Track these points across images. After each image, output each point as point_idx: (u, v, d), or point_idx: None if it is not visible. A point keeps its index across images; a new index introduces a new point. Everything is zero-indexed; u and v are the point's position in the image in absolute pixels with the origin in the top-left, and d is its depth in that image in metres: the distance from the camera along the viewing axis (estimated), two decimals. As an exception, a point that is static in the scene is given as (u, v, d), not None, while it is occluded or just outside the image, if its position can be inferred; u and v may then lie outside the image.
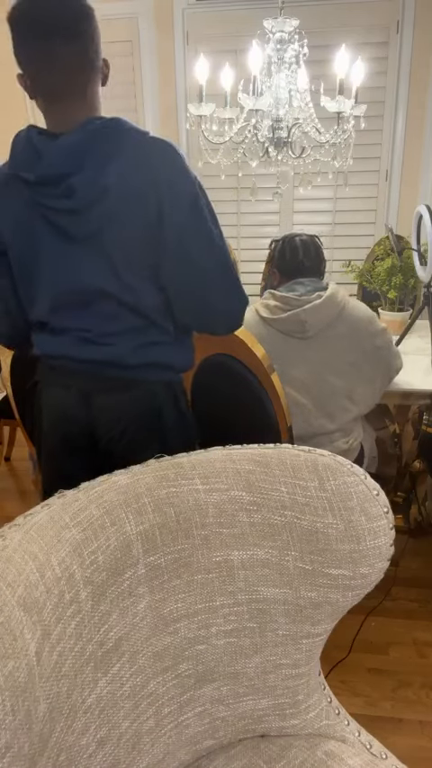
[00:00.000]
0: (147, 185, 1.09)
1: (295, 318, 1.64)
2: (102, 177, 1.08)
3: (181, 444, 1.27)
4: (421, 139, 3.09)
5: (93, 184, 1.08)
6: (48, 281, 1.20)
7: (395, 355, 1.78)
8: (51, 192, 1.10)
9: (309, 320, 1.64)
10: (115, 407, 1.25)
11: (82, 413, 1.26)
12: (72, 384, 1.27)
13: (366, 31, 2.93)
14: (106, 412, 1.26)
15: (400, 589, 1.99)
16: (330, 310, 1.65)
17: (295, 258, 1.75)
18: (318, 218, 3.25)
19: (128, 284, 1.17)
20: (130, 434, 1.27)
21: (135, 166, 1.09)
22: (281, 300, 1.68)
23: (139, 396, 1.26)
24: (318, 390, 1.68)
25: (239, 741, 0.98)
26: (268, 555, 0.92)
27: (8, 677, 0.65)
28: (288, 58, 1.91)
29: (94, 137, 1.09)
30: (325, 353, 1.68)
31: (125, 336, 1.22)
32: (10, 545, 0.77)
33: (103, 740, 0.80)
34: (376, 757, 0.96)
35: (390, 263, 2.35)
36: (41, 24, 1.05)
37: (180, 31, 3.10)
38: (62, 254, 1.16)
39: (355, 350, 1.68)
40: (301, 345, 1.67)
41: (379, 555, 0.90)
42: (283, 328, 1.67)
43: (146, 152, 1.10)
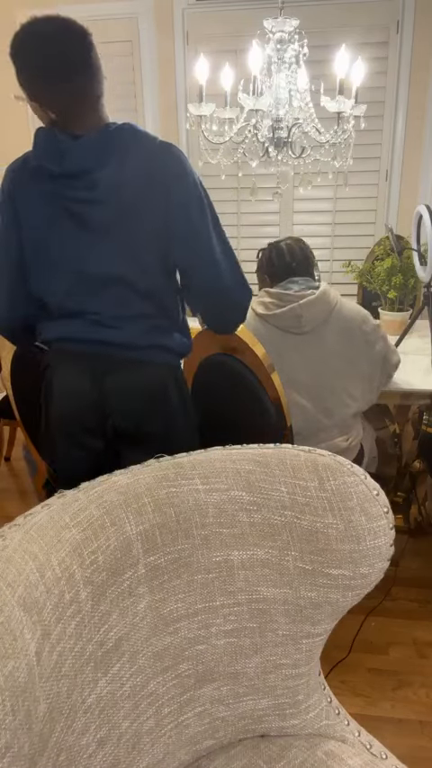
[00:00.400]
0: (158, 182, 1.22)
1: (291, 313, 1.66)
2: (120, 172, 1.21)
3: (184, 424, 1.40)
4: (421, 139, 3.09)
5: (112, 178, 1.21)
6: (65, 266, 1.29)
7: (391, 351, 1.79)
8: (75, 184, 1.22)
9: (305, 314, 1.66)
10: (125, 386, 1.34)
11: (94, 392, 1.33)
12: (84, 366, 1.34)
13: (366, 31, 2.93)
14: (116, 390, 1.33)
15: (400, 589, 1.99)
16: (324, 306, 1.68)
17: (283, 261, 1.78)
18: (318, 218, 3.25)
19: (141, 271, 1.27)
20: (139, 411, 1.35)
21: (148, 165, 1.22)
22: (276, 297, 1.70)
23: (146, 375, 1.34)
24: (315, 385, 1.70)
25: (239, 741, 0.98)
26: (268, 555, 0.92)
27: (8, 677, 0.65)
28: (288, 58, 1.91)
29: (112, 138, 1.22)
30: (321, 349, 1.69)
31: (135, 321, 1.31)
32: (10, 545, 0.77)
33: (103, 740, 0.80)
34: (376, 757, 0.96)
35: (390, 263, 2.35)
36: (48, 69, 1.16)
37: (180, 31, 3.10)
38: (80, 240, 1.26)
39: (350, 345, 1.70)
40: (297, 341, 1.69)
41: (379, 555, 0.90)
42: (279, 324, 1.69)
43: (156, 152, 1.24)
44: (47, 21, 1.15)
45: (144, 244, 1.25)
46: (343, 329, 1.69)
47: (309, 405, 1.70)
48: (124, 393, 1.34)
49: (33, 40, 1.15)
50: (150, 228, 1.24)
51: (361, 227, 3.23)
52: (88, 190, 1.21)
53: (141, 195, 1.22)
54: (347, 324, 1.70)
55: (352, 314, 1.72)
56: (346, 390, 1.71)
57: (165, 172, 1.22)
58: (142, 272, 1.27)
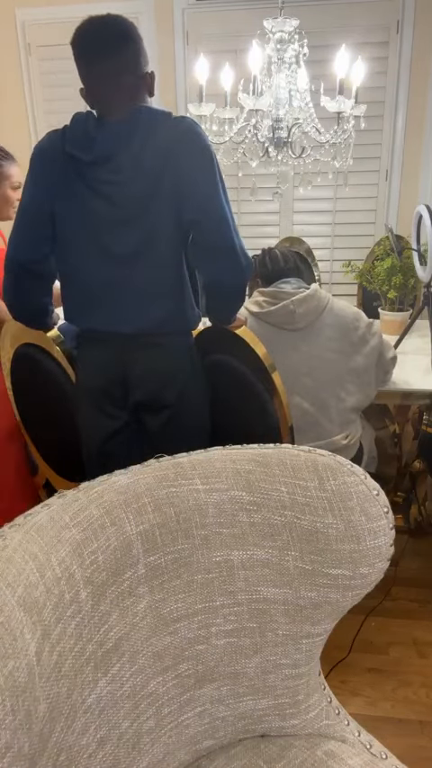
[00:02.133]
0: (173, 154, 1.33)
1: (285, 310, 1.69)
2: (141, 155, 1.34)
3: (197, 393, 1.57)
4: (421, 139, 3.09)
5: (135, 160, 1.34)
6: (90, 242, 1.41)
7: (386, 347, 1.81)
8: (102, 167, 1.35)
9: (298, 310, 1.68)
10: (145, 367, 1.50)
11: (119, 371, 1.51)
12: (109, 348, 1.50)
13: (366, 31, 2.93)
14: (138, 370, 1.50)
15: (400, 589, 1.99)
16: (317, 302, 1.71)
17: (276, 265, 1.81)
18: (318, 218, 3.25)
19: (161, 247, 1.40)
20: (158, 388, 1.51)
21: (165, 141, 1.34)
22: (269, 295, 1.73)
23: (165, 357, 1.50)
24: (310, 380, 1.71)
25: (239, 741, 0.98)
26: (268, 555, 0.92)
27: (8, 677, 0.65)
28: (288, 57, 1.91)
29: (137, 124, 1.34)
30: (315, 344, 1.71)
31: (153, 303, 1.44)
32: (10, 545, 0.77)
33: (103, 740, 0.80)
34: (376, 757, 0.96)
35: (390, 263, 2.35)
36: (94, 46, 1.33)
37: (180, 31, 3.10)
38: (105, 218, 1.38)
39: (343, 340, 1.72)
40: (292, 337, 1.71)
41: (379, 555, 0.90)
42: (273, 320, 1.71)
43: (171, 127, 1.35)
44: (103, 16, 1.35)
45: (165, 218, 1.37)
46: (336, 324, 1.72)
47: (304, 400, 1.70)
48: (145, 373, 1.49)
49: (86, 25, 1.33)
50: (169, 203, 1.36)
51: (361, 227, 3.23)
52: (114, 173, 1.35)
53: (161, 174, 1.34)
54: (340, 320, 1.72)
55: (345, 311, 1.75)
56: (341, 385, 1.72)
57: (180, 145, 1.34)
58: (163, 246, 1.39)
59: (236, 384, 1.58)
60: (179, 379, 1.52)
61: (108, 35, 1.32)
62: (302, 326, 1.70)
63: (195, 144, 1.35)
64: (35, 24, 3.19)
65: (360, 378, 1.75)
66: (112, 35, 1.32)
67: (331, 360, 1.72)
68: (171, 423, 1.53)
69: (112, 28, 1.33)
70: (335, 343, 1.72)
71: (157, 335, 1.48)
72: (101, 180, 1.37)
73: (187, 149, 1.34)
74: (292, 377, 1.69)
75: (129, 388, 1.53)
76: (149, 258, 1.41)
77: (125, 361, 1.50)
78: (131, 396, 1.53)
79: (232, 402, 1.63)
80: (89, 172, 1.37)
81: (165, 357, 1.50)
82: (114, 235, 1.39)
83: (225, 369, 1.60)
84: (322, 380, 1.71)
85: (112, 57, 1.32)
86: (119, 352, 1.49)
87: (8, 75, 3.31)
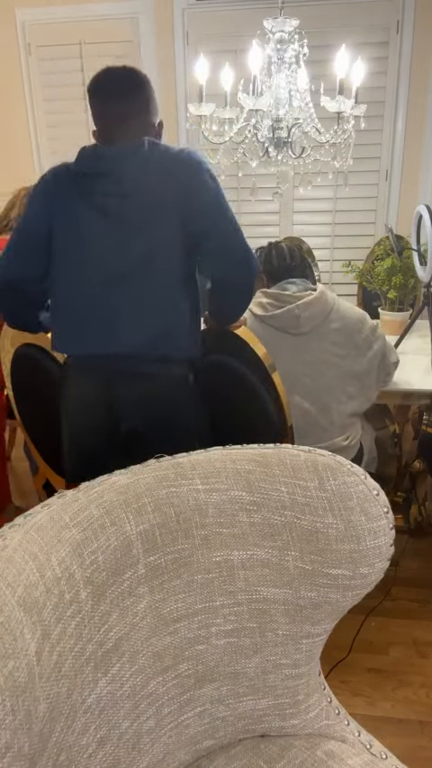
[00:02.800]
0: (175, 181, 1.39)
1: (289, 314, 1.67)
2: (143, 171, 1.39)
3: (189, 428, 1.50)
4: (421, 139, 3.09)
5: (136, 175, 1.38)
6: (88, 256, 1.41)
7: (390, 350, 1.80)
8: (103, 180, 1.39)
9: (303, 315, 1.66)
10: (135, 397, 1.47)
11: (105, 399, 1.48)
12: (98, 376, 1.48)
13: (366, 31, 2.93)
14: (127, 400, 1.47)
15: (400, 589, 1.99)
16: (323, 306, 1.69)
17: (283, 262, 1.79)
18: (318, 218, 3.26)
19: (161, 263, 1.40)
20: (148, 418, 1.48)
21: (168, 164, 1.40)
22: (273, 297, 1.71)
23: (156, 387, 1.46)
24: (312, 385, 1.70)
25: (239, 741, 0.98)
26: (268, 555, 0.92)
27: (8, 677, 0.65)
28: (288, 58, 1.91)
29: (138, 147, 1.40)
30: (319, 349, 1.70)
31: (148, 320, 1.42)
32: (10, 545, 0.77)
33: (103, 740, 0.80)
34: (376, 757, 0.96)
35: (390, 263, 2.35)
36: (107, 90, 1.43)
37: (180, 31, 3.10)
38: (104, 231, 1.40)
39: (347, 345, 1.71)
40: (295, 341, 1.69)
41: (379, 555, 0.90)
42: (277, 324, 1.69)
43: (175, 154, 1.41)
44: (120, 66, 1.46)
45: (164, 236, 1.39)
46: (341, 329, 1.70)
47: (306, 404, 1.70)
48: (134, 403, 1.46)
49: (103, 72, 1.44)
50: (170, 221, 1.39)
51: (361, 227, 3.23)
52: (115, 184, 1.39)
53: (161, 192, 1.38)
54: (345, 323, 1.70)
55: (350, 314, 1.73)
56: (343, 389, 1.72)
57: (185, 174, 1.39)
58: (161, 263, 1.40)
59: (236, 384, 1.58)
60: (171, 417, 1.48)
61: (122, 80, 1.44)
62: (307, 331, 1.69)
63: (202, 173, 1.40)
64: (35, 24, 3.19)
65: (362, 381, 1.74)
66: (125, 81, 1.44)
67: (334, 363, 1.71)
68: None
69: (126, 75, 1.44)
70: (339, 348, 1.70)
71: (152, 362, 1.44)
72: (102, 192, 1.39)
73: (196, 179, 1.40)
74: (294, 380, 1.68)
75: (115, 421, 1.50)
76: (148, 273, 1.40)
77: (113, 392, 1.46)
78: (118, 427, 1.51)
79: (232, 402, 1.63)
80: (91, 186, 1.40)
81: (159, 389, 1.46)
82: (113, 250, 1.40)
83: (225, 369, 1.60)
84: (324, 384, 1.70)
85: (123, 100, 1.42)
86: (108, 382, 1.46)
87: (8, 75, 3.31)
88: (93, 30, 3.17)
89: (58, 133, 3.35)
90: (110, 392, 1.46)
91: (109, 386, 1.46)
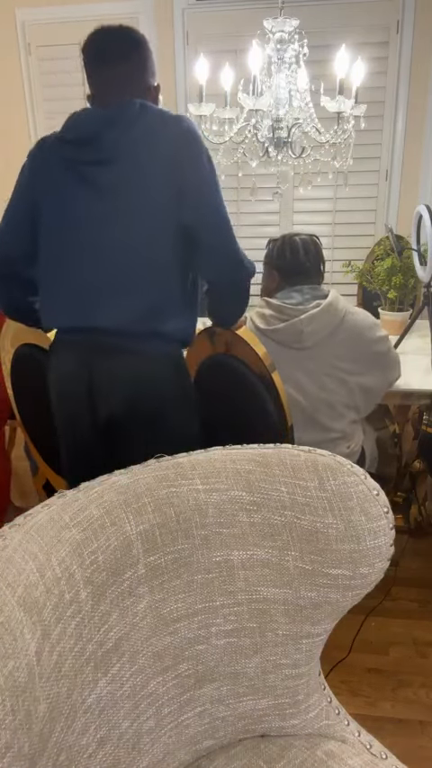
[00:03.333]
0: (168, 152, 1.29)
1: (292, 329, 1.60)
2: (126, 136, 1.29)
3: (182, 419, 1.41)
4: (421, 139, 3.09)
5: (118, 141, 1.29)
6: (72, 229, 1.34)
7: (394, 363, 1.74)
8: (85, 149, 1.32)
9: (306, 330, 1.59)
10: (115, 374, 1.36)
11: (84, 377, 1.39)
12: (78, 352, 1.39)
13: (366, 31, 2.93)
14: (107, 378, 1.36)
15: (400, 589, 1.99)
16: (330, 318, 1.60)
17: (296, 258, 1.69)
18: (318, 218, 3.25)
19: (147, 237, 1.31)
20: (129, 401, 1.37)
21: (157, 132, 1.30)
22: (276, 310, 1.64)
23: (140, 365, 1.36)
24: (311, 402, 1.66)
25: (239, 741, 0.98)
26: (268, 555, 0.92)
27: (8, 677, 0.65)
28: (288, 58, 1.91)
29: (125, 109, 1.31)
30: (322, 363, 1.64)
31: (134, 297, 1.33)
32: (10, 545, 0.77)
33: (103, 740, 0.80)
34: (376, 757, 0.96)
35: (390, 263, 2.35)
36: (101, 52, 1.35)
37: (180, 31, 3.10)
38: (89, 203, 1.33)
39: (353, 357, 1.64)
40: (298, 356, 1.63)
41: (379, 555, 0.90)
42: (279, 339, 1.62)
43: (167, 122, 1.32)
44: (115, 26, 1.37)
45: (152, 210, 1.30)
46: (349, 336, 1.62)
47: (308, 418, 1.67)
48: (114, 381, 1.36)
49: (97, 32, 1.36)
50: (158, 195, 1.30)
51: (361, 227, 3.23)
52: (96, 151, 1.31)
53: (149, 161, 1.29)
54: (356, 330, 1.63)
55: (360, 324, 1.64)
56: (343, 402, 1.68)
57: (176, 144, 1.30)
58: (148, 239, 1.32)
59: (236, 384, 1.58)
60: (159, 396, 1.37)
61: (116, 42, 1.35)
62: (310, 345, 1.61)
63: (196, 146, 1.31)
64: (35, 24, 3.19)
65: (363, 393, 1.72)
66: (120, 43, 1.35)
67: (337, 379, 1.65)
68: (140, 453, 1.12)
69: (121, 36, 1.35)
70: (344, 363, 1.63)
71: (137, 339, 1.34)
72: (84, 160, 1.32)
73: (189, 152, 1.30)
74: (294, 396, 1.64)
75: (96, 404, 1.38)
76: (131, 250, 1.32)
77: (94, 367, 1.36)
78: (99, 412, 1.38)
79: (232, 402, 1.63)
80: (74, 154, 1.33)
81: (144, 365, 1.35)
82: (94, 223, 1.33)
83: (225, 369, 1.59)
84: (324, 400, 1.66)
85: (118, 63, 1.34)
86: (89, 357, 1.36)
87: (8, 75, 3.31)
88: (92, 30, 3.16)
89: (58, 133, 3.34)
90: (90, 370, 1.36)
91: (90, 362, 1.36)
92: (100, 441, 1.42)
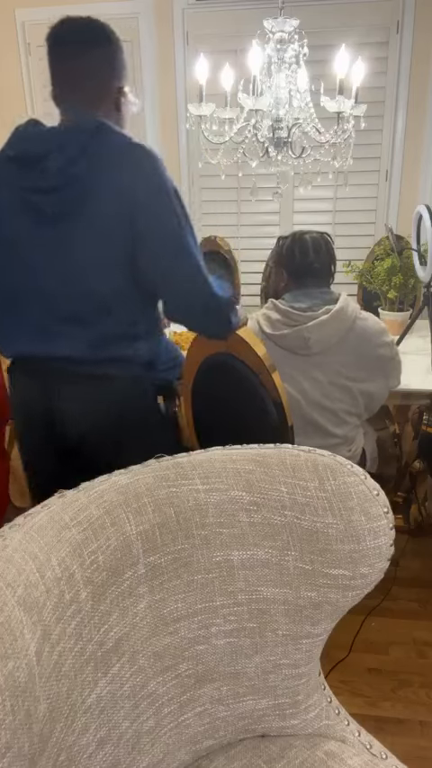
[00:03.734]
0: (120, 182, 1.16)
1: (298, 335, 1.58)
2: (75, 162, 1.15)
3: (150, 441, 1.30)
4: (421, 139, 3.09)
5: (65, 167, 1.16)
6: (18, 259, 1.25)
7: (397, 371, 1.73)
8: (29, 171, 1.18)
9: (312, 337, 1.58)
10: (76, 401, 1.29)
11: (43, 405, 1.32)
12: (37, 379, 1.33)
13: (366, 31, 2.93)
14: (67, 405, 1.30)
15: (400, 589, 1.99)
16: (339, 324, 1.59)
17: (305, 258, 1.66)
18: (318, 218, 3.25)
19: (98, 269, 1.21)
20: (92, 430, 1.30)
21: (112, 161, 1.17)
22: (284, 314, 1.62)
23: (102, 390, 1.29)
24: (318, 406, 1.65)
25: (239, 741, 0.98)
26: (268, 555, 0.92)
27: (8, 677, 0.65)
28: (288, 57, 1.91)
29: (76, 130, 1.18)
30: (328, 371, 1.63)
31: (88, 327, 1.25)
32: (10, 545, 0.77)
33: (103, 740, 0.80)
34: (376, 757, 0.96)
35: (390, 263, 2.35)
36: (61, 43, 1.23)
37: (180, 31, 3.10)
38: (35, 232, 1.21)
39: (358, 364, 1.63)
40: (302, 363, 1.62)
41: (379, 555, 0.90)
42: (285, 345, 1.61)
43: (124, 152, 1.19)
44: (81, 17, 1.26)
45: (100, 242, 1.19)
46: (358, 341, 1.61)
47: (309, 424, 1.66)
48: (74, 407, 1.29)
49: (60, 23, 1.26)
50: (108, 228, 1.18)
51: (361, 227, 3.23)
52: (42, 178, 1.17)
53: (98, 191, 1.17)
54: (365, 335, 1.61)
55: (371, 326, 1.62)
56: (345, 408, 1.68)
57: (133, 175, 1.17)
58: (96, 271, 1.22)
59: (236, 384, 1.58)
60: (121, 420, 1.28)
61: (78, 33, 1.23)
62: (316, 352, 1.59)
63: (156, 180, 1.17)
64: (35, 24, 3.19)
65: (366, 399, 1.71)
66: (82, 33, 1.23)
67: (341, 386, 1.64)
68: None
69: (85, 27, 1.23)
70: (349, 370, 1.62)
71: (95, 365, 1.26)
72: (27, 184, 1.19)
73: (147, 186, 1.17)
74: (297, 401, 1.63)
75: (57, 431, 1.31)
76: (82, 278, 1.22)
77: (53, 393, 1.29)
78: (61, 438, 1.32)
79: (232, 402, 1.63)
80: (17, 174, 1.20)
81: (103, 389, 1.27)
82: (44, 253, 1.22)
83: (225, 369, 1.59)
84: (327, 407, 1.66)
85: (78, 56, 1.21)
86: (47, 381, 1.29)
87: (8, 75, 3.31)
88: (93, 30, 3.16)
89: (58, 133, 3.34)
90: (50, 396, 1.30)
91: (48, 388, 1.30)
92: (63, 466, 1.35)
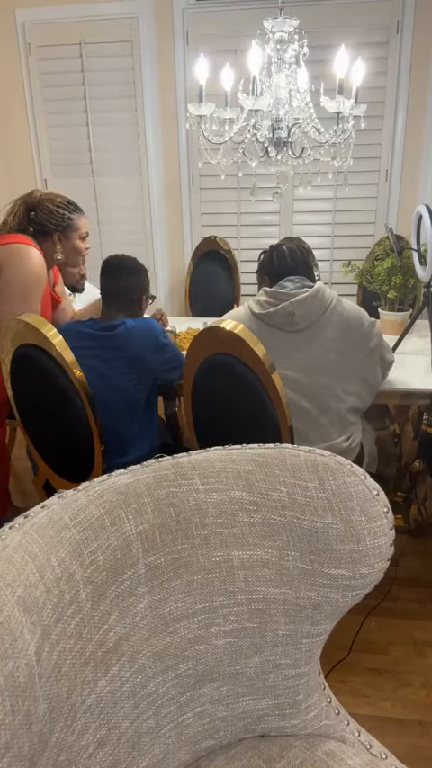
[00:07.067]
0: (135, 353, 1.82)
1: (283, 311, 1.68)
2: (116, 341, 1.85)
3: None
4: (421, 139, 3.09)
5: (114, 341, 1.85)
6: None
7: (386, 349, 1.81)
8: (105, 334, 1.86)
9: (297, 312, 1.67)
10: None
11: None
12: None
13: (366, 31, 2.93)
14: None
15: (400, 589, 1.99)
16: (320, 303, 1.70)
17: (283, 262, 1.82)
18: (318, 218, 3.26)
19: None
20: None
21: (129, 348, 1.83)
22: (271, 296, 1.73)
23: None
24: (309, 382, 1.70)
25: (239, 741, 0.98)
26: (268, 555, 0.92)
27: (8, 677, 0.65)
28: (288, 58, 1.91)
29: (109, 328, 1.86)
30: (316, 346, 1.71)
31: None
32: (10, 545, 0.77)
33: (103, 740, 0.80)
34: (376, 757, 0.96)
35: (390, 263, 2.35)
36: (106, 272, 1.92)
37: (180, 31, 3.10)
38: None
39: (345, 342, 1.72)
40: (292, 339, 1.70)
41: (379, 555, 0.90)
42: (273, 322, 1.71)
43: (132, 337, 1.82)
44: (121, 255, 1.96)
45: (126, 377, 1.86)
46: (339, 325, 1.71)
47: (303, 401, 1.70)
48: None
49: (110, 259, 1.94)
50: None
51: (361, 227, 3.24)
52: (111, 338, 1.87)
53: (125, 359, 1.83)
54: (344, 319, 1.72)
55: (349, 311, 1.74)
56: (341, 385, 1.72)
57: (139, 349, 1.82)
58: None
59: (236, 384, 1.58)
60: None
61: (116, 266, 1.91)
62: (303, 328, 1.69)
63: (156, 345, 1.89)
64: (35, 24, 3.19)
65: (359, 377, 1.74)
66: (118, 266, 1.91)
67: (332, 360, 1.71)
68: None
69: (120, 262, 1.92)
70: (336, 343, 1.71)
71: None
72: None
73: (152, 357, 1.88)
74: (293, 378, 1.68)
75: None
76: None
77: None
78: None
79: (232, 402, 1.63)
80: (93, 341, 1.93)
81: None
82: None
83: (225, 369, 1.60)
84: (322, 381, 1.71)
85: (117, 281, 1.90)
86: None
87: (8, 75, 3.31)
88: (93, 30, 3.17)
89: (58, 133, 3.35)
90: None
91: None
92: None
